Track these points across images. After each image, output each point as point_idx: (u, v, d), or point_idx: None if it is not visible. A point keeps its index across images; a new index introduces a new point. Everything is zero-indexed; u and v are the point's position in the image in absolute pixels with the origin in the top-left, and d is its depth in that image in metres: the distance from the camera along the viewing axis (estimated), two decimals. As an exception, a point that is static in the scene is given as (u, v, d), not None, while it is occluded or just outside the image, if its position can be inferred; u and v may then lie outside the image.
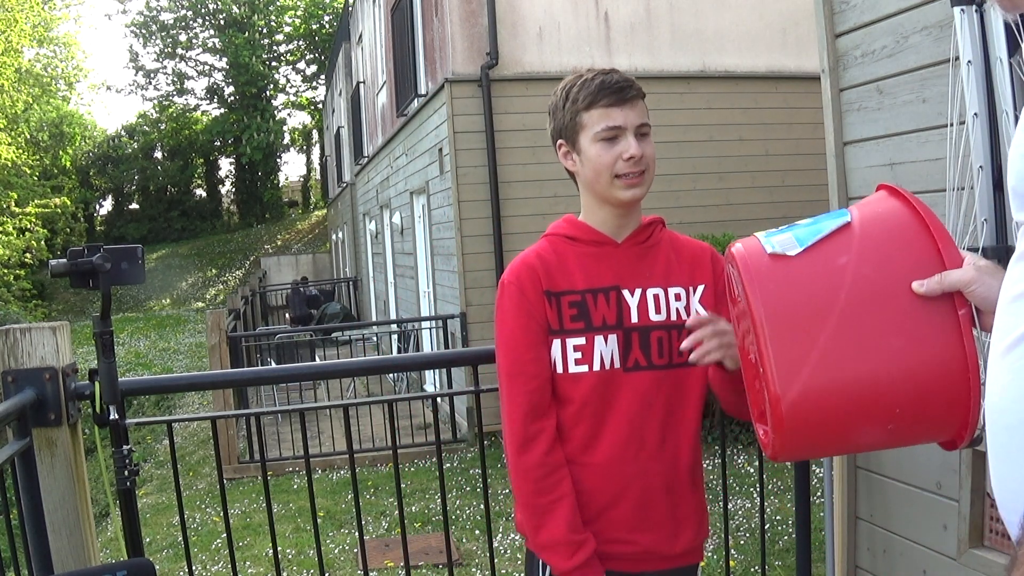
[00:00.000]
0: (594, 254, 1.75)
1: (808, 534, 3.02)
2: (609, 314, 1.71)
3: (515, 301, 1.72)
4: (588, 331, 1.70)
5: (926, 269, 1.24)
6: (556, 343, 1.71)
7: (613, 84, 1.70)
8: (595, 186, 1.74)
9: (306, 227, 32.00)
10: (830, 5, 2.92)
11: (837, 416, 1.27)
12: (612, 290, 1.73)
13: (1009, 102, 2.14)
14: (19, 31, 25.75)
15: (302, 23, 34.62)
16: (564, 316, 1.71)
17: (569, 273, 1.73)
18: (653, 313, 1.73)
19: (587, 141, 1.72)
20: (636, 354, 1.71)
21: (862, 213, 1.34)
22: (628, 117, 1.71)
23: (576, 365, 1.70)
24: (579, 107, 1.72)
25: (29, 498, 2.08)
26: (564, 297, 1.72)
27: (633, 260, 1.76)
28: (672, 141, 8.23)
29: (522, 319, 1.71)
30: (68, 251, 2.05)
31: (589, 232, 1.77)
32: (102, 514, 7.58)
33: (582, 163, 1.75)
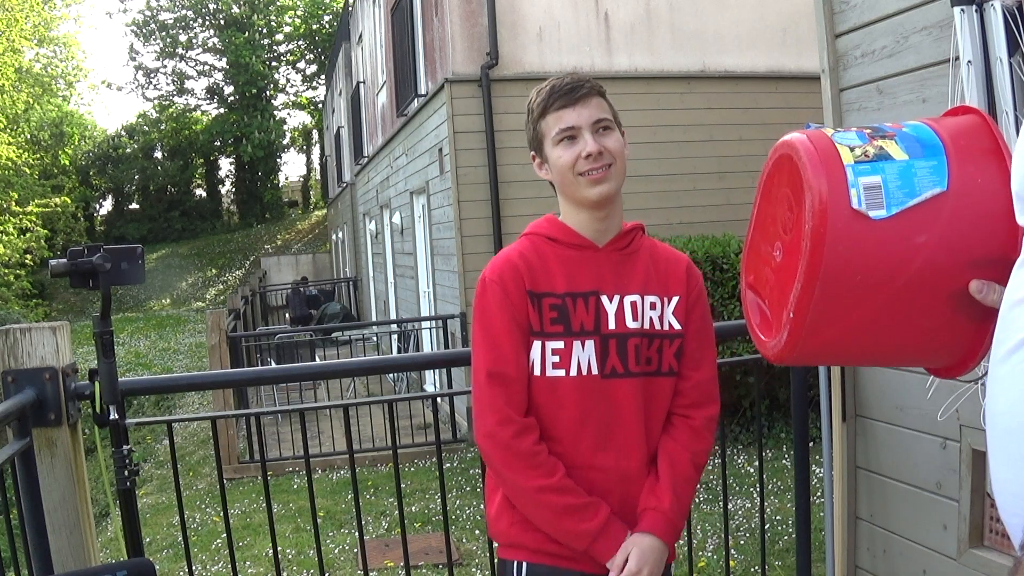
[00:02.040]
0: (575, 257, 1.75)
1: (808, 534, 3.02)
2: (588, 319, 1.71)
3: (498, 300, 1.71)
4: (567, 335, 1.70)
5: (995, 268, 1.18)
6: (536, 345, 1.70)
7: (563, 87, 1.73)
8: (565, 189, 1.75)
9: (306, 227, 32.00)
10: (830, 5, 2.92)
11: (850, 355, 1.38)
12: (591, 295, 1.72)
13: (1009, 102, 2.14)
14: (19, 31, 25.74)
15: (302, 23, 34.61)
16: (544, 318, 1.70)
17: (550, 275, 1.73)
18: (630, 320, 1.72)
19: (550, 147, 1.74)
20: (613, 361, 1.71)
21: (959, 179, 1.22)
22: (581, 116, 1.71)
23: (554, 369, 1.69)
24: (536, 116, 1.76)
25: (29, 498, 2.08)
26: (545, 299, 1.71)
27: (613, 266, 1.76)
28: (672, 141, 8.23)
29: (505, 318, 1.70)
30: (68, 251, 2.05)
31: (570, 234, 1.77)
32: (102, 514, 7.58)
33: (550, 170, 1.77)
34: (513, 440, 1.66)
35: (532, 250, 1.76)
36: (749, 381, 6.70)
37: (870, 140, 1.26)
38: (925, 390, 2.53)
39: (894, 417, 2.77)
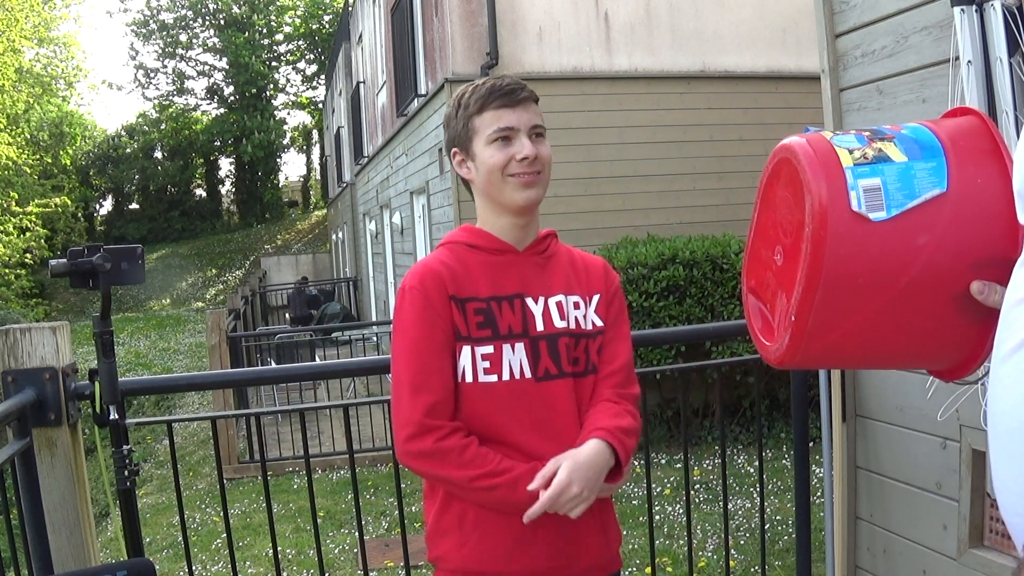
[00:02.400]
0: (496, 262, 1.73)
1: (808, 534, 3.02)
2: (515, 322, 1.69)
3: (419, 307, 1.66)
4: (496, 339, 1.67)
5: (997, 269, 1.17)
6: (465, 350, 1.66)
7: (504, 87, 1.70)
8: (490, 190, 1.72)
9: (306, 227, 32.00)
10: (830, 5, 2.92)
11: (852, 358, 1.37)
12: (516, 298, 1.71)
13: (1009, 102, 2.13)
14: (19, 31, 25.75)
15: (302, 23, 34.62)
16: (471, 323, 1.67)
17: (473, 280, 1.70)
18: (558, 320, 1.72)
19: (480, 145, 1.70)
20: (546, 362, 1.69)
21: (959, 180, 1.22)
22: (521, 118, 1.69)
23: (485, 374, 1.66)
24: (471, 112, 1.71)
25: (29, 498, 2.08)
26: (469, 304, 1.68)
27: (534, 269, 1.75)
28: (672, 141, 8.23)
29: (426, 326, 1.66)
30: (68, 251, 2.05)
31: (490, 240, 1.75)
32: (102, 514, 7.58)
33: (476, 168, 1.73)
34: (439, 443, 1.61)
35: (452, 257, 1.73)
36: (749, 381, 6.70)
37: (869, 142, 1.25)
38: (925, 390, 2.53)
39: (894, 417, 2.77)
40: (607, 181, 8.07)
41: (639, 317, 6.72)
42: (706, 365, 4.94)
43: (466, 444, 1.63)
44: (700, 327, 5.98)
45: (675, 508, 5.61)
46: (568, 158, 8.00)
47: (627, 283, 6.75)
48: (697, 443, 7.01)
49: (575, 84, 8.15)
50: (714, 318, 6.72)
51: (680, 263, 6.75)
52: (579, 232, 7.96)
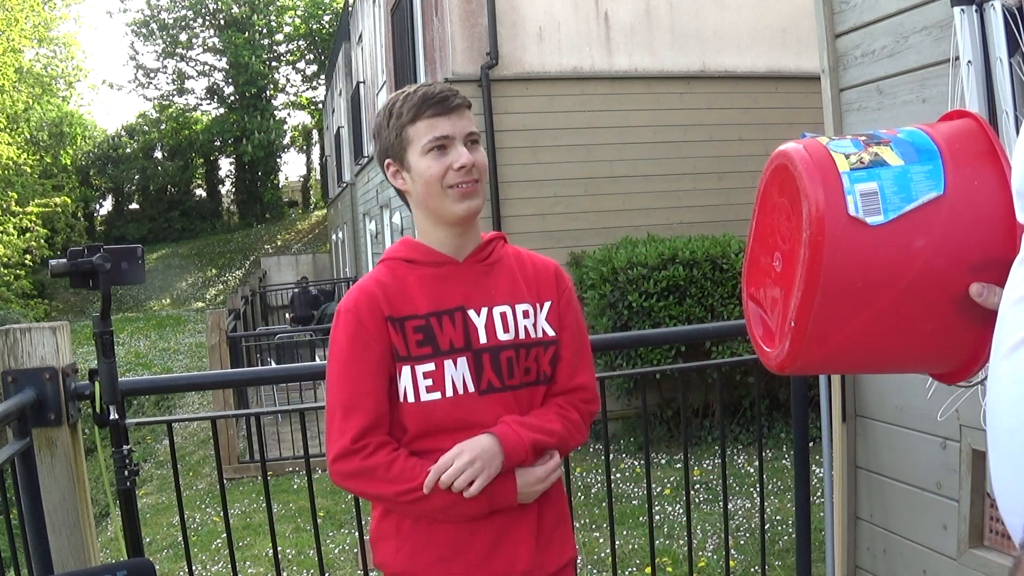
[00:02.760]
0: (435, 275, 1.68)
1: (808, 534, 3.02)
2: (456, 336, 1.65)
3: (351, 330, 1.63)
4: (436, 356, 1.63)
5: (995, 270, 1.17)
6: (405, 370, 1.63)
7: (436, 94, 1.64)
8: (428, 201, 1.67)
9: (306, 227, 32.00)
10: (830, 5, 2.92)
11: (852, 363, 1.39)
12: (457, 311, 1.66)
13: (1009, 102, 2.14)
14: (19, 31, 25.75)
15: (302, 23, 34.62)
16: (410, 342, 1.63)
17: (411, 297, 1.66)
18: (501, 332, 1.67)
19: (415, 155, 1.65)
20: (489, 375, 1.65)
21: (956, 182, 1.22)
22: (456, 126, 1.64)
23: (428, 393, 1.63)
24: (404, 121, 1.65)
25: (29, 498, 2.08)
26: (408, 322, 1.64)
27: (477, 278, 1.70)
28: (672, 141, 8.23)
29: (358, 349, 1.63)
30: (68, 251, 2.05)
31: (428, 253, 1.70)
32: (102, 514, 7.58)
33: (412, 180, 1.67)
34: (364, 461, 1.60)
35: (389, 275, 1.69)
36: (749, 381, 6.70)
37: (865, 147, 1.25)
38: (925, 390, 2.54)
39: (894, 417, 2.77)
40: (607, 181, 8.06)
41: (639, 317, 6.72)
42: (706, 365, 4.95)
43: (392, 459, 1.61)
44: (700, 327, 5.98)
45: (675, 508, 5.61)
46: (568, 158, 8.00)
47: (627, 283, 6.75)
48: (697, 443, 7.01)
49: (575, 84, 8.15)
50: (714, 318, 6.71)
51: (680, 263, 6.75)
52: (579, 232, 7.96)
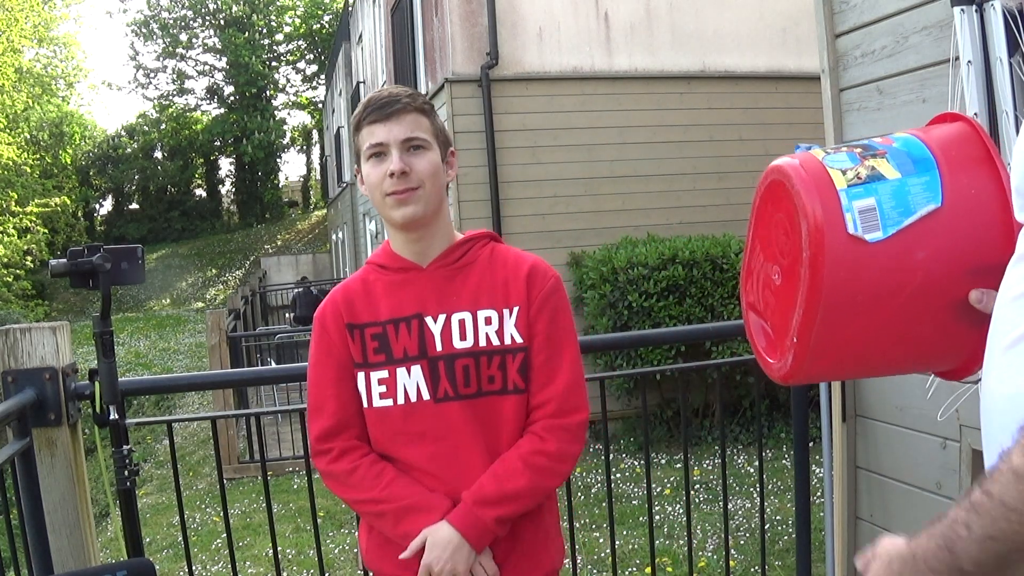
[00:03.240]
0: (399, 282, 1.69)
1: (808, 534, 3.02)
2: (411, 344, 1.64)
3: (317, 336, 1.71)
4: (390, 363, 1.64)
5: (993, 275, 1.16)
6: (360, 376, 1.66)
7: (377, 101, 1.63)
8: (378, 209, 1.69)
9: (306, 227, 31.99)
10: (830, 5, 2.92)
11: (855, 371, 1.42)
12: (414, 318, 1.65)
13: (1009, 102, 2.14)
14: (19, 31, 25.75)
15: (302, 23, 34.61)
16: (367, 349, 1.66)
17: (374, 304, 1.68)
18: (458, 340, 1.63)
19: (364, 164, 1.66)
20: (445, 384, 1.63)
21: (953, 192, 1.21)
22: (391, 132, 1.61)
23: (381, 399, 1.64)
24: (354, 129, 1.68)
25: (29, 498, 2.08)
26: (367, 329, 1.67)
27: (439, 284, 1.67)
28: (672, 141, 8.23)
29: (322, 355, 1.69)
30: (68, 251, 2.05)
31: (395, 259, 1.71)
32: (102, 514, 7.58)
33: (366, 187, 1.69)
34: (330, 465, 1.67)
35: (360, 281, 1.72)
36: (749, 381, 6.70)
37: (861, 161, 1.24)
38: (925, 390, 2.54)
39: (894, 417, 2.77)
40: (607, 181, 8.06)
41: (639, 317, 6.72)
42: (706, 365, 4.95)
43: (354, 467, 1.65)
44: (700, 327, 5.98)
45: (675, 508, 5.61)
46: (568, 158, 8.00)
47: (627, 283, 6.75)
48: (697, 443, 7.01)
49: (575, 84, 8.15)
50: (714, 318, 6.71)
51: (680, 263, 6.75)
52: (579, 232, 7.96)
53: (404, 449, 1.65)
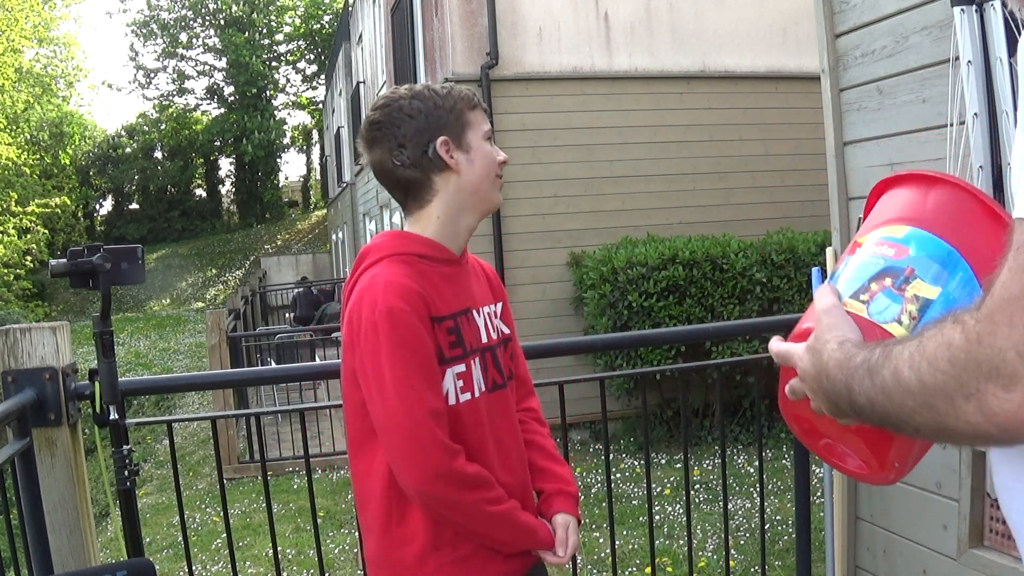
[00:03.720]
0: (449, 274, 1.68)
1: (808, 534, 3.02)
2: (472, 337, 1.67)
3: (416, 330, 1.55)
4: (465, 356, 1.65)
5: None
6: (448, 372, 1.62)
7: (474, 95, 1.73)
8: (480, 185, 1.68)
9: (306, 227, 31.99)
10: (830, 5, 2.92)
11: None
12: (469, 311, 1.69)
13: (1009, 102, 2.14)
14: (19, 31, 25.75)
15: (302, 23, 34.62)
16: (443, 343, 1.61)
17: (440, 296, 1.63)
18: (492, 331, 1.75)
19: (477, 139, 1.67)
20: (493, 373, 1.71)
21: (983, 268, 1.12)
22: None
23: (463, 393, 1.64)
24: (464, 106, 1.67)
25: (29, 498, 2.08)
26: (443, 323, 1.62)
27: (470, 278, 1.74)
28: (672, 141, 8.23)
29: (427, 349, 1.57)
30: (68, 251, 2.05)
31: (442, 250, 1.68)
32: (102, 514, 7.58)
33: (470, 161, 1.66)
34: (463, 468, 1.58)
35: (413, 272, 1.62)
36: (749, 381, 6.70)
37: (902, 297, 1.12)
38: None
39: (894, 417, 2.76)
40: (607, 181, 8.06)
41: (639, 317, 6.72)
42: (706, 365, 4.95)
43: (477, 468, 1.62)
44: (700, 327, 5.98)
45: (675, 508, 5.61)
46: (568, 158, 8.00)
47: (627, 283, 6.75)
48: (697, 443, 7.01)
49: (575, 84, 8.15)
50: (714, 318, 6.72)
51: (680, 263, 6.75)
52: (579, 232, 7.96)
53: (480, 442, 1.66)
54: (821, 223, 6.88)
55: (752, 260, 6.81)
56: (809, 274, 1.34)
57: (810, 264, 6.60)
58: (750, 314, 6.71)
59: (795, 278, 6.81)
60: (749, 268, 6.77)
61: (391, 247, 1.66)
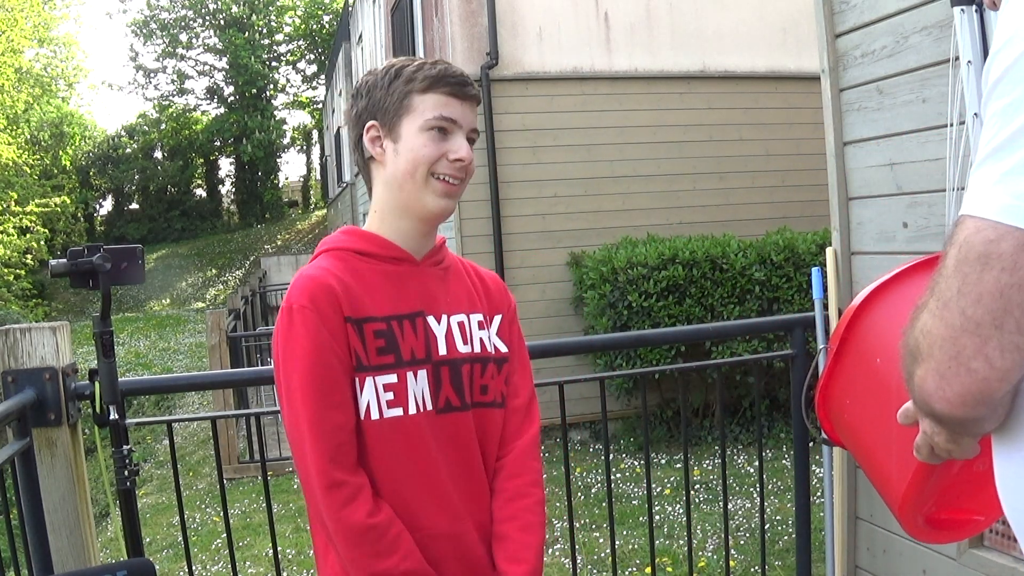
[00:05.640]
0: (394, 273, 1.49)
1: (808, 534, 3.02)
2: (417, 345, 1.46)
3: (313, 330, 1.39)
4: (399, 366, 1.44)
5: None
6: (368, 382, 1.42)
7: (454, 74, 1.48)
8: (405, 184, 1.48)
9: (306, 227, 31.98)
10: (830, 5, 2.92)
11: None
12: (417, 316, 1.47)
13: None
14: (19, 31, 25.75)
15: (302, 23, 34.62)
16: (370, 348, 1.42)
17: (371, 296, 1.45)
18: (461, 343, 1.50)
19: (411, 128, 1.46)
20: (447, 392, 1.47)
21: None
22: (466, 115, 1.48)
23: (389, 408, 1.42)
24: (413, 88, 1.46)
25: (29, 498, 2.08)
26: (367, 325, 1.43)
27: (434, 282, 1.53)
28: (672, 141, 8.23)
29: (324, 353, 1.39)
30: (68, 251, 2.05)
31: (386, 246, 1.50)
32: (102, 514, 7.58)
33: (396, 152, 1.48)
34: (343, 510, 1.37)
35: (344, 268, 1.46)
36: (749, 381, 6.71)
37: None
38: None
39: (894, 417, 2.76)
40: (607, 181, 8.06)
41: (639, 317, 6.72)
42: (706, 365, 4.94)
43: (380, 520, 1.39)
44: (700, 327, 5.98)
45: (675, 508, 5.61)
46: (568, 158, 8.00)
47: (627, 283, 6.75)
48: (697, 443, 7.01)
49: (575, 84, 8.15)
50: (714, 318, 6.72)
51: (680, 263, 6.75)
52: (579, 232, 7.96)
53: (411, 467, 1.44)
54: (821, 223, 6.89)
55: (752, 260, 6.81)
56: (809, 274, 1.38)
57: (810, 264, 6.60)
58: (750, 314, 6.71)
59: (795, 278, 6.81)
60: (749, 268, 6.78)
61: (332, 242, 1.55)
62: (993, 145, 0.82)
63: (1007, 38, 0.84)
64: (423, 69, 1.47)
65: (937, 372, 0.84)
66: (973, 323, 0.80)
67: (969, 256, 0.80)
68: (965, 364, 0.81)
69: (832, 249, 2.98)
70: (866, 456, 1.40)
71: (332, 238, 1.56)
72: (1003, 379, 0.81)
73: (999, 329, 0.79)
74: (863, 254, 2.89)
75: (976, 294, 0.79)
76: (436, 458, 1.46)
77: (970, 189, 0.84)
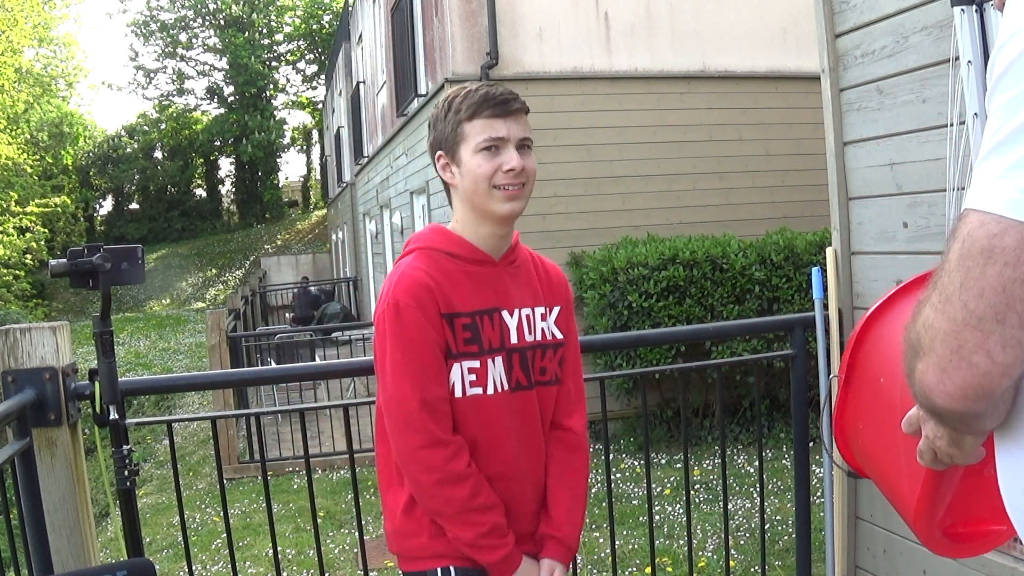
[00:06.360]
0: (476, 273, 1.76)
1: (808, 534, 3.02)
2: (494, 336, 1.74)
3: (419, 323, 1.67)
4: (481, 354, 1.72)
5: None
6: (456, 368, 1.71)
7: (497, 96, 1.71)
8: (474, 199, 1.73)
9: (306, 227, 32.00)
10: (830, 5, 2.92)
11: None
12: (495, 312, 1.75)
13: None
14: (19, 31, 25.76)
15: (302, 23, 34.63)
16: (459, 339, 1.71)
17: (458, 294, 1.72)
18: (527, 334, 1.79)
19: (468, 152, 1.71)
20: (518, 374, 1.77)
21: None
22: (511, 129, 1.71)
23: (472, 388, 1.72)
24: (461, 117, 1.71)
25: (29, 498, 2.08)
26: (457, 320, 1.71)
27: (508, 280, 1.79)
28: (672, 141, 8.23)
29: (429, 342, 1.68)
30: (68, 251, 2.05)
31: (471, 250, 1.76)
32: (102, 514, 7.58)
33: (461, 175, 1.74)
34: (448, 463, 1.67)
35: (436, 268, 1.73)
36: (749, 381, 6.70)
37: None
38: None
39: (894, 417, 2.76)
40: (607, 181, 8.06)
41: (639, 317, 6.72)
42: (706, 365, 4.94)
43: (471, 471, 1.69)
44: (700, 327, 5.98)
45: (675, 508, 5.61)
46: (568, 158, 8.00)
47: (627, 283, 6.75)
48: (697, 443, 7.01)
49: (575, 84, 8.15)
50: (714, 318, 6.71)
51: (680, 263, 6.75)
52: (579, 232, 7.96)
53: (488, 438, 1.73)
54: (821, 223, 6.88)
55: (752, 260, 6.81)
56: (809, 274, 1.41)
57: (809, 264, 6.60)
58: (750, 314, 6.71)
59: (794, 278, 6.81)
60: (749, 268, 6.77)
61: (424, 240, 1.79)
62: (997, 139, 0.81)
63: (1011, 32, 0.83)
64: (468, 98, 1.71)
65: (938, 366, 0.83)
66: (975, 317, 0.79)
67: (972, 250, 0.80)
68: (966, 358, 0.81)
69: (832, 249, 2.98)
70: (882, 476, 1.41)
71: (423, 236, 1.81)
72: (1004, 374, 0.81)
73: (1001, 324, 0.79)
74: (863, 254, 2.89)
75: (979, 288, 0.79)
76: (508, 427, 1.75)
77: (974, 183, 0.83)
